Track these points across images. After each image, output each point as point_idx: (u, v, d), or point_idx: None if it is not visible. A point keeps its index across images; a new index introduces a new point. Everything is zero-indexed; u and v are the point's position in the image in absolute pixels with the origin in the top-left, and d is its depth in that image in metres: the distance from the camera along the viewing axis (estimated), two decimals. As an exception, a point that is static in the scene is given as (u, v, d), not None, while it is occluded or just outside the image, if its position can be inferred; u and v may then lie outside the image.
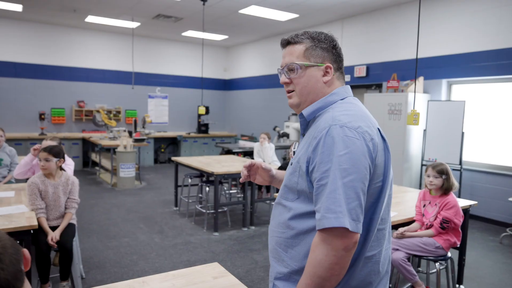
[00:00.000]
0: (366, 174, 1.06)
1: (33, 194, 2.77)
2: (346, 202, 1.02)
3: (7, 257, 0.80)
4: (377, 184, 1.13)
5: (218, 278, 1.79)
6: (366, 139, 1.08)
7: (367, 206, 1.12)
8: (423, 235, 2.79)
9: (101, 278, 3.47)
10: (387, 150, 1.17)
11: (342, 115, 1.13)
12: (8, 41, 8.58)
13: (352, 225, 1.02)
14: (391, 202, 1.26)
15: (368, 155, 1.08)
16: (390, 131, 6.04)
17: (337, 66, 1.27)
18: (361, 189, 1.05)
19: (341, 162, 1.04)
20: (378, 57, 7.04)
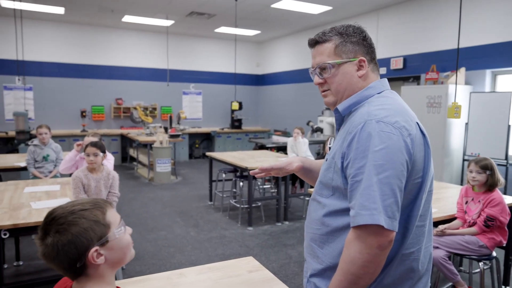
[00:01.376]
0: (403, 171, 1.03)
1: (77, 187, 2.91)
2: (381, 199, 1.00)
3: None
4: (416, 181, 1.09)
5: (253, 272, 1.81)
6: (403, 134, 1.05)
7: (405, 203, 1.08)
8: (465, 233, 2.68)
9: (140, 269, 3.59)
10: (427, 145, 1.12)
11: (378, 109, 1.10)
12: (52, 43, 9.02)
13: (387, 222, 0.99)
14: (432, 198, 1.21)
15: (406, 150, 1.04)
16: (429, 125, 5.82)
17: (370, 57, 1.23)
18: (397, 186, 1.02)
19: (376, 158, 1.02)
20: (416, 48, 6.78)
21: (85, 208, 0.95)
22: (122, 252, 1.00)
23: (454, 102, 2.78)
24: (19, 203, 2.88)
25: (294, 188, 6.13)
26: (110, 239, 0.96)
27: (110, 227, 0.97)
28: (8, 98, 8.70)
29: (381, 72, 6.36)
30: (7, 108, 8.65)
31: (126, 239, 1.01)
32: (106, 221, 0.96)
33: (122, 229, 1.00)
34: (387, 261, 1.10)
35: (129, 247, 1.03)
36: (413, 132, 1.07)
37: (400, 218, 1.07)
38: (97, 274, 0.96)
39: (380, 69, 7.38)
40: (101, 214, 0.96)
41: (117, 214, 1.03)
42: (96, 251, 0.93)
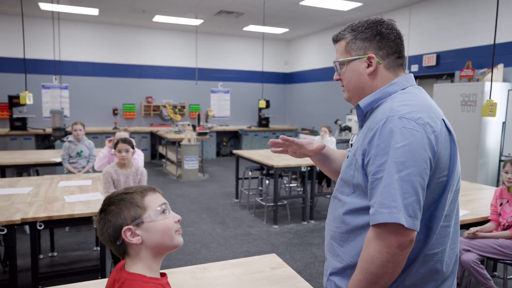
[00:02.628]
0: (426, 168, 1.00)
1: (107, 182, 3.01)
2: (402, 197, 0.97)
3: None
4: (441, 179, 1.05)
5: (276, 269, 1.81)
6: (427, 131, 1.01)
7: (429, 202, 1.05)
8: (499, 236, 2.56)
9: (166, 264, 3.67)
10: (453, 143, 1.08)
11: (401, 105, 1.07)
12: (86, 43, 9.36)
13: (408, 221, 0.96)
14: (458, 198, 1.17)
15: (429, 148, 1.00)
16: (463, 124, 5.61)
17: (385, 53, 1.17)
18: (420, 184, 0.98)
19: (397, 155, 0.99)
20: (450, 44, 6.54)
21: (127, 192, 1.06)
22: (159, 235, 1.05)
23: (489, 100, 2.66)
24: (53, 196, 3.01)
25: (321, 187, 6.07)
26: (145, 220, 1.03)
27: (146, 210, 1.04)
28: (46, 97, 9.11)
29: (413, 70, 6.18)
30: (45, 106, 9.05)
31: (164, 223, 1.06)
32: (144, 204, 1.04)
33: (161, 212, 1.06)
34: (409, 261, 1.07)
35: (169, 232, 1.07)
36: (437, 128, 1.04)
37: (423, 217, 1.04)
38: (137, 255, 1.04)
39: (412, 66, 7.28)
40: (139, 198, 1.05)
41: (161, 199, 1.09)
42: (130, 230, 1.01)
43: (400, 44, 1.19)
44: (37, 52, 8.85)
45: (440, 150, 1.03)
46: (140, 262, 1.04)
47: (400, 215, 0.96)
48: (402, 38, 1.21)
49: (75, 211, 2.62)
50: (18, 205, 2.73)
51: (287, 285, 1.65)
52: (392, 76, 1.19)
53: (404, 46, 1.22)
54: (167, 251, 1.10)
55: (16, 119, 8.39)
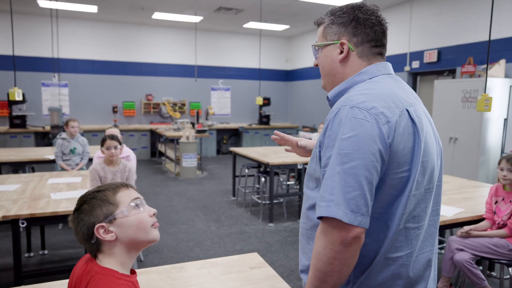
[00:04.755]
0: (374, 162, 0.92)
1: (94, 179, 2.96)
2: (344, 191, 0.90)
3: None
4: (400, 175, 0.97)
5: (255, 269, 1.75)
6: (379, 121, 0.94)
7: (388, 199, 0.98)
8: (494, 235, 2.48)
9: (157, 262, 3.62)
10: (417, 135, 0.99)
11: (357, 94, 1.00)
12: (86, 41, 9.33)
13: (348, 216, 0.89)
14: (433, 197, 1.09)
15: (380, 139, 0.93)
16: (464, 121, 5.50)
17: (359, 40, 1.11)
18: (365, 178, 0.91)
19: (343, 146, 0.93)
20: (451, 40, 6.42)
21: (100, 190, 1.06)
22: (133, 230, 1.04)
23: (484, 94, 2.56)
24: (40, 193, 2.97)
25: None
26: (118, 216, 1.03)
27: (118, 206, 1.04)
28: (46, 94, 9.10)
29: (414, 66, 6.08)
30: (45, 104, 9.05)
31: (138, 217, 1.06)
32: (116, 200, 1.04)
33: (134, 207, 1.06)
34: (367, 262, 1.00)
35: (143, 226, 1.06)
36: (393, 119, 0.96)
37: (383, 216, 0.98)
38: (110, 252, 1.03)
39: (413, 62, 7.17)
40: (111, 194, 1.05)
41: (134, 194, 1.09)
42: (102, 227, 1.01)
43: (379, 32, 1.12)
44: (37, 49, 8.84)
45: (396, 143, 0.96)
46: (113, 258, 1.04)
47: (338, 210, 0.90)
48: (384, 26, 1.13)
49: (59, 209, 2.57)
50: (3, 202, 2.69)
51: (265, 286, 1.59)
52: (364, 65, 1.12)
53: (385, 35, 1.14)
54: (143, 246, 1.10)
55: (16, 116, 8.39)
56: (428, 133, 1.06)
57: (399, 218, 0.99)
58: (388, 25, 1.15)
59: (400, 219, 0.99)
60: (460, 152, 5.61)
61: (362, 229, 0.91)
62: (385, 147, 0.94)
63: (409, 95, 1.07)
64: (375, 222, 0.99)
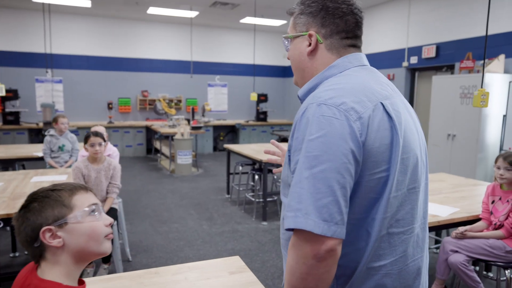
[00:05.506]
0: (347, 163, 0.82)
1: (77, 178, 2.86)
2: (314, 198, 0.80)
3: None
4: (378, 175, 0.87)
5: (235, 274, 1.65)
6: (349, 118, 0.84)
7: (367, 203, 0.88)
8: (490, 236, 2.38)
9: (146, 262, 3.53)
10: (394, 131, 0.89)
11: (326, 90, 0.90)
12: (80, 36, 9.20)
13: (320, 227, 0.79)
14: (419, 198, 0.99)
15: (351, 138, 0.83)
16: (462, 117, 5.39)
17: (328, 31, 1.01)
18: (338, 182, 0.81)
19: (310, 148, 0.83)
20: (450, 35, 6.30)
21: (55, 189, 0.96)
22: (84, 238, 0.94)
23: (481, 89, 2.46)
24: (21, 192, 2.87)
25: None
26: (70, 221, 0.93)
27: (73, 209, 0.94)
28: (40, 90, 8.99)
29: (412, 62, 5.95)
30: (39, 100, 8.93)
31: (92, 225, 0.95)
32: (71, 203, 0.95)
33: (89, 213, 0.95)
34: (349, 273, 0.90)
35: (96, 236, 0.96)
36: (366, 114, 0.86)
37: (364, 222, 0.88)
38: (55, 260, 0.93)
39: (411, 58, 7.05)
40: (67, 196, 0.95)
41: (92, 199, 0.98)
42: (50, 231, 0.91)
43: (351, 22, 1.01)
44: (29, 45, 8.72)
45: (371, 140, 0.85)
46: (57, 268, 0.93)
47: (307, 220, 0.79)
48: (358, 15, 1.02)
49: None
50: (-20, 201, 2.59)
51: (243, 292, 1.49)
52: (334, 59, 1.02)
53: (359, 25, 1.03)
54: (92, 258, 0.98)
55: (9, 113, 8.28)
56: (409, 127, 0.95)
57: (380, 224, 0.89)
58: (364, 14, 1.04)
59: (381, 224, 0.89)
60: (458, 149, 5.51)
61: (337, 240, 0.81)
62: (357, 146, 0.84)
63: (385, 87, 0.97)
64: (354, 230, 0.89)
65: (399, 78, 7.33)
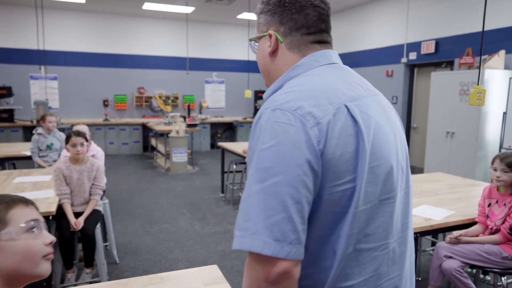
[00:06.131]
0: (302, 175, 0.73)
1: (58, 179, 2.76)
2: (264, 215, 0.71)
3: None
4: (342, 187, 0.77)
5: (209, 286, 1.54)
6: (306, 124, 0.75)
7: (331, 218, 0.78)
8: (485, 241, 2.27)
9: (134, 265, 3.44)
10: (360, 137, 0.78)
11: (283, 93, 0.82)
12: (74, 32, 9.08)
13: (271, 247, 0.70)
14: (395, 210, 0.88)
15: (307, 146, 0.74)
16: (462, 114, 5.27)
17: (287, 29, 0.92)
18: (291, 197, 0.72)
19: (261, 159, 0.74)
20: (449, 30, 6.16)
21: None
22: (16, 258, 0.84)
23: (477, 86, 2.34)
24: (1, 194, 2.77)
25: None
26: (2, 237, 0.84)
27: (7, 225, 0.85)
28: (34, 88, 8.88)
29: (411, 58, 5.80)
30: (34, 97, 8.82)
31: (28, 243, 0.85)
32: (6, 217, 0.86)
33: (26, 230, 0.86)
34: None
35: (32, 256, 0.86)
36: (325, 119, 0.76)
37: (327, 238, 0.79)
38: None
39: (410, 54, 6.91)
40: (2, 209, 0.87)
41: (33, 214, 0.89)
42: None
43: (313, 16, 0.91)
44: (23, 41, 8.60)
45: (331, 148, 0.75)
46: None
47: (255, 240, 0.70)
48: (321, 7, 0.91)
49: None
50: (-44, 204, 2.49)
51: (217, 306, 1.39)
52: (297, 57, 0.92)
53: (323, 18, 0.92)
54: (26, 281, 0.87)
55: (3, 110, 8.18)
56: (381, 131, 0.85)
57: (346, 240, 0.79)
58: (330, 5, 0.94)
59: (347, 241, 0.79)
60: (457, 147, 5.39)
61: (292, 262, 0.71)
62: (315, 155, 0.74)
63: (355, 88, 0.86)
64: (319, 247, 0.80)
65: (398, 75, 7.20)
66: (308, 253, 0.79)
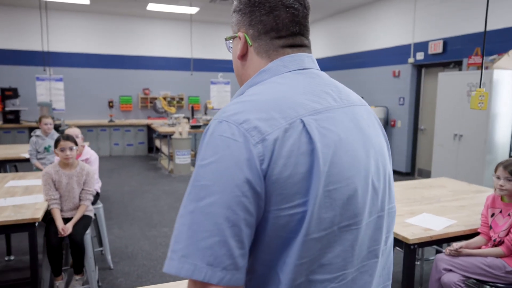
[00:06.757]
0: (241, 197, 0.64)
1: (46, 184, 2.71)
2: (197, 238, 0.63)
3: None
4: (290, 211, 0.67)
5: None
6: (249, 140, 0.66)
7: (275, 243, 0.69)
8: (488, 254, 2.14)
9: (128, 271, 3.38)
10: (315, 155, 0.68)
11: (235, 103, 0.73)
12: (79, 33, 9.11)
13: (202, 272, 0.62)
14: (381, 234, 0.79)
15: (248, 165, 0.65)
16: (470, 116, 5.10)
17: (255, 32, 0.83)
18: (227, 219, 0.64)
19: (200, 176, 0.67)
20: (457, 30, 5.98)
21: None
22: None
23: (479, 89, 2.21)
24: (-10, 199, 2.73)
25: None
26: None
27: None
28: (41, 89, 8.93)
29: (418, 58, 5.65)
30: (39, 98, 8.87)
31: None
32: None
33: None
34: None
35: None
36: (272, 136, 0.67)
37: (272, 263, 0.70)
38: None
39: (417, 54, 6.74)
40: None
41: None
42: None
43: (284, 18, 0.81)
44: (28, 43, 8.65)
45: (277, 168, 0.66)
46: None
47: (183, 264, 0.63)
48: (294, 8, 0.81)
49: None
50: None
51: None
52: (265, 63, 0.83)
53: (296, 20, 0.83)
54: None
55: (9, 112, 8.25)
56: (347, 148, 0.74)
57: (294, 270, 0.69)
58: (306, 4, 0.84)
59: (296, 271, 0.69)
60: (465, 151, 5.22)
61: None
62: (256, 175, 0.65)
63: (323, 98, 0.76)
64: (267, 272, 0.71)
65: (404, 75, 7.03)
66: (256, 277, 0.72)
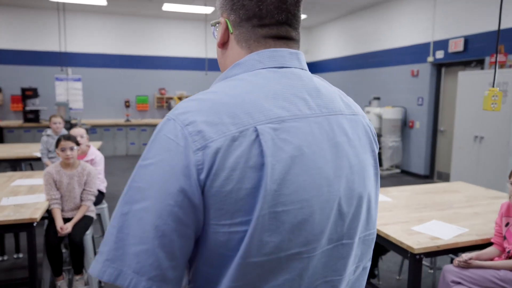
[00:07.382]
0: (174, 207, 0.58)
1: (48, 184, 2.71)
2: (126, 242, 0.59)
3: None
4: (230, 229, 0.59)
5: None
6: (190, 146, 0.59)
7: (215, 258, 0.62)
8: (500, 266, 1.98)
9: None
10: (265, 171, 0.59)
11: (191, 100, 0.66)
12: (96, 34, 9.24)
13: (127, 279, 0.57)
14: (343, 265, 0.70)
15: (184, 173, 0.58)
16: (492, 117, 4.86)
17: (237, 18, 0.72)
18: (155, 228, 0.58)
19: (137, 177, 0.62)
20: (479, 27, 5.72)
21: None
22: None
23: (493, 88, 2.05)
24: (-7, 198, 2.75)
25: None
26: None
27: None
28: (60, 89, 9.11)
29: (438, 56, 5.44)
30: (58, 98, 9.05)
31: None
32: None
33: None
34: None
35: None
36: (216, 144, 0.59)
37: (212, 277, 0.63)
38: None
39: (437, 52, 6.50)
40: None
41: None
42: None
43: (268, 3, 0.70)
44: (47, 44, 8.84)
45: (219, 181, 0.58)
46: None
47: (108, 268, 0.58)
48: None
49: (-1, 217, 2.33)
50: None
51: None
52: (244, 54, 0.73)
53: (284, 7, 0.71)
54: None
55: (29, 111, 8.44)
56: (308, 166, 0.63)
57: None
58: None
59: None
60: (486, 153, 4.97)
61: None
62: (194, 185, 0.58)
63: (294, 104, 0.66)
64: (205, 285, 0.65)
65: (423, 75, 6.79)
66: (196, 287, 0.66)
